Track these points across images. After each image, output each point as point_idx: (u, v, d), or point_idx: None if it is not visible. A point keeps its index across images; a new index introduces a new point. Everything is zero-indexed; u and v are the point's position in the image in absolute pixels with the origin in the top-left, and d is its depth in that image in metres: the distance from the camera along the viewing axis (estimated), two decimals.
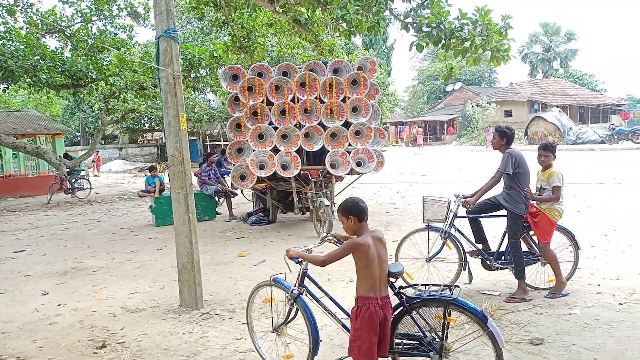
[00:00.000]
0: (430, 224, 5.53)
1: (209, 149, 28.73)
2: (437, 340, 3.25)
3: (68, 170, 16.01)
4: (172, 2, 5.36)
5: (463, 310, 3.20)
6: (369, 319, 3.10)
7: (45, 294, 6.18)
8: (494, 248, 5.57)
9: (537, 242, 5.34)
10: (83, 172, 19.59)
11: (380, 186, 15.75)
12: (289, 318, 3.75)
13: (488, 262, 5.44)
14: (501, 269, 5.44)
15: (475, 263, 5.62)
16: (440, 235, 5.46)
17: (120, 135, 39.00)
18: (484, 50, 7.58)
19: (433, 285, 3.39)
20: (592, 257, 6.50)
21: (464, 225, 5.70)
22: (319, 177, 9.14)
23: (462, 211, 5.53)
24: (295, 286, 3.64)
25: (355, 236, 3.26)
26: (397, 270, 3.31)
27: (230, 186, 11.39)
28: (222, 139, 31.22)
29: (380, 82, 32.50)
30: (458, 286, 3.34)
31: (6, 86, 13.83)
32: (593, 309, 4.79)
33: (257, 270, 6.78)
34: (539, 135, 33.25)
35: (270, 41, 17.32)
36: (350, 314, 3.28)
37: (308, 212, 9.75)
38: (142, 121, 33.84)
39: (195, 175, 11.81)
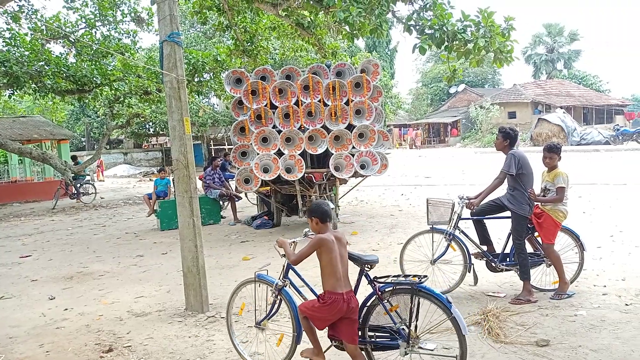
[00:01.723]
0: (434, 226, 5.53)
1: (213, 153, 28.80)
2: (405, 329, 3.40)
3: (73, 175, 16.08)
4: (176, 6, 5.39)
5: (429, 297, 3.35)
6: (330, 309, 3.41)
7: (51, 299, 6.21)
8: (498, 250, 5.56)
9: (541, 243, 5.33)
10: (88, 177, 19.67)
11: (385, 189, 15.74)
12: (272, 312, 3.94)
13: (493, 264, 5.43)
14: (506, 270, 5.43)
15: (480, 265, 5.62)
16: (445, 237, 5.46)
17: (125, 140, 39.14)
18: (487, 52, 7.58)
19: (404, 275, 3.54)
20: (598, 258, 6.48)
21: (469, 227, 5.70)
22: (323, 180, 9.15)
23: (466, 213, 5.53)
24: (279, 279, 3.84)
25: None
26: (372, 259, 3.58)
27: (234, 190, 11.42)
28: (226, 143, 31.32)
29: (383, 84, 32.54)
30: (426, 276, 3.47)
31: (12, 92, 13.92)
32: (599, 310, 4.78)
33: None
34: (543, 136, 33.16)
35: (273, 45, 17.39)
36: None
37: None
38: (147, 126, 33.96)
39: (199, 179, 11.86)
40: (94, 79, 13.75)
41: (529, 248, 5.39)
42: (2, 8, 12.58)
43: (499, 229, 6.16)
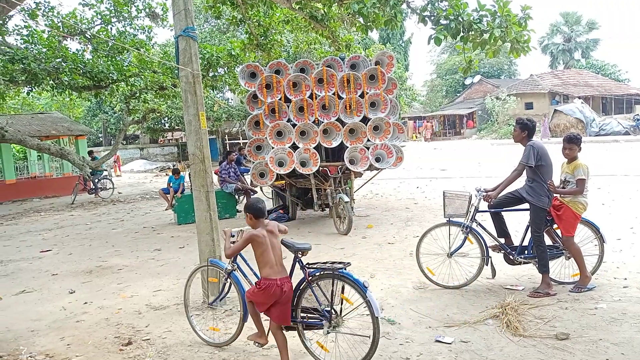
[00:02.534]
0: (451, 219, 5.48)
1: (228, 147, 28.91)
2: (328, 309, 3.77)
3: (91, 170, 16.28)
4: (190, 1, 5.40)
5: (348, 281, 3.71)
6: (265, 293, 3.79)
7: (72, 293, 6.31)
8: (516, 242, 5.50)
9: (560, 235, 5.26)
10: (106, 173, 19.89)
11: (400, 182, 15.67)
12: (223, 293, 4.48)
13: (511, 257, 5.38)
14: (524, 263, 5.38)
15: (497, 258, 5.57)
16: (462, 230, 5.42)
17: (141, 136, 39.48)
18: (503, 42, 7.46)
19: (332, 262, 3.86)
20: (618, 251, 6.38)
21: (486, 219, 5.65)
22: (338, 174, 9.13)
23: (483, 205, 5.47)
24: (229, 264, 4.31)
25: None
26: (305, 247, 3.89)
27: (250, 184, 11.45)
28: (241, 137, 31.42)
29: (398, 76, 32.28)
30: (350, 263, 3.83)
31: (30, 89, 14.10)
32: (620, 303, 4.71)
33: None
34: (561, 127, 32.69)
35: (287, 38, 17.35)
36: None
37: (328, 209, 9.76)
38: (163, 121, 34.15)
39: (215, 173, 11.92)
40: (110, 75, 13.85)
41: (548, 240, 5.33)
42: (20, 5, 12.74)
43: (517, 221, 6.10)
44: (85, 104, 34.09)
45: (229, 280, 4.34)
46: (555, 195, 5.20)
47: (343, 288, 3.75)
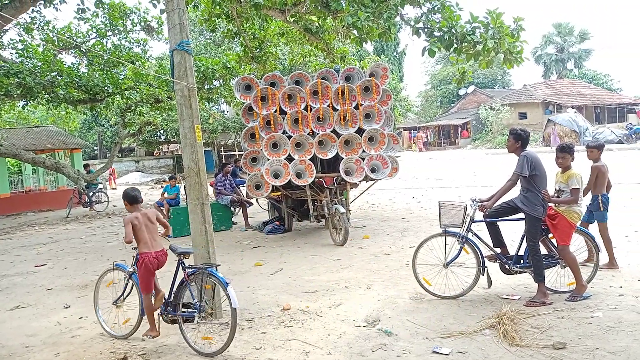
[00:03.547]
0: (447, 229, 5.49)
1: (223, 159, 28.93)
2: (197, 302, 4.46)
3: (86, 183, 16.23)
4: (185, 15, 5.43)
5: (214, 278, 4.41)
6: (145, 267, 4.65)
7: (67, 307, 6.27)
8: (512, 252, 5.52)
9: (556, 244, 5.28)
10: (100, 186, 19.84)
11: (396, 192, 15.70)
12: (125, 293, 5.11)
13: (507, 266, 5.38)
14: (520, 272, 5.38)
15: (493, 267, 5.57)
16: (458, 240, 5.42)
17: (136, 148, 39.48)
18: (497, 53, 7.55)
19: (207, 264, 4.59)
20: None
21: (482, 229, 5.66)
22: (334, 185, 9.14)
23: (479, 215, 5.49)
24: (130, 266, 5.02)
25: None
26: (187, 251, 4.70)
27: (245, 196, 11.45)
28: (236, 149, 31.46)
29: (392, 87, 32.48)
30: (219, 264, 4.66)
31: (25, 103, 14.09)
32: (616, 312, 4.72)
33: (275, 279, 6.79)
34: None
35: (282, 50, 17.46)
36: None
37: (324, 220, 9.76)
38: (158, 134, 34.22)
39: (211, 185, 11.92)
40: (106, 88, 13.87)
41: (543, 250, 5.34)
42: (15, 20, 12.78)
43: (513, 231, 6.12)
44: (81, 117, 34.10)
45: (130, 281, 5.01)
46: (550, 204, 5.23)
47: (214, 286, 4.53)
